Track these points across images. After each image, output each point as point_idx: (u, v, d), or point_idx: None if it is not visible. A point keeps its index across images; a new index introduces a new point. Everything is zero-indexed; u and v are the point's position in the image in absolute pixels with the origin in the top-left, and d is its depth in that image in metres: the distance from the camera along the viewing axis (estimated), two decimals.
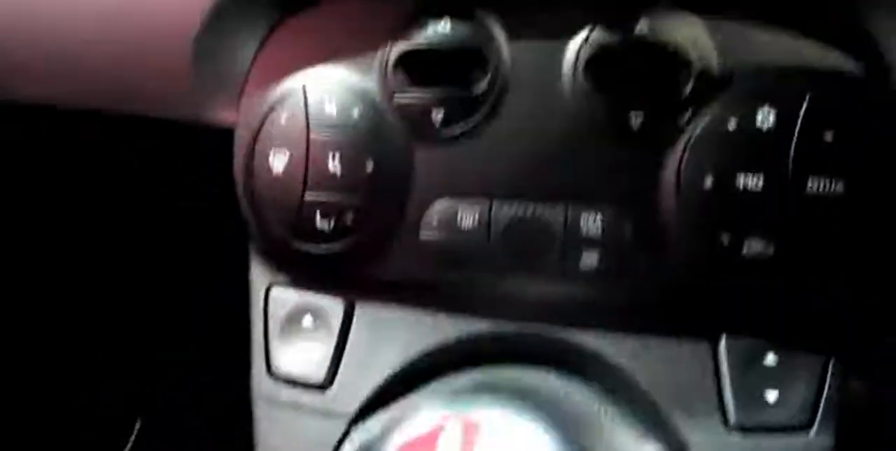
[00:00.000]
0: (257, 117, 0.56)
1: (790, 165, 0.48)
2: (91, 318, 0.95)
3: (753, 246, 0.49)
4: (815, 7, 0.50)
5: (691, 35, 0.49)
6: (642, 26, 0.50)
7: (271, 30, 0.58)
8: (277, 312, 0.60)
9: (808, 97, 0.48)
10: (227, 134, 0.59)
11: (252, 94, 0.58)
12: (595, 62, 0.50)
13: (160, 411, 0.99)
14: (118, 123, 0.62)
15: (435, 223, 0.54)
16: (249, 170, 0.57)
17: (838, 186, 0.48)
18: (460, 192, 0.53)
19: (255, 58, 0.58)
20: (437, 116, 0.53)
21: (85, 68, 0.60)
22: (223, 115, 0.59)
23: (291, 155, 0.55)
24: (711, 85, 0.49)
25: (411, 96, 0.53)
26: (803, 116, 0.48)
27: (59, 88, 0.62)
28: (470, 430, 0.49)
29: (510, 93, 0.52)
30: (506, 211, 0.52)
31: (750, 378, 0.53)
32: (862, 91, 0.49)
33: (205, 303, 0.61)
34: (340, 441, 0.58)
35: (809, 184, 0.48)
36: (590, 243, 0.52)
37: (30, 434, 0.94)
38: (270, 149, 0.56)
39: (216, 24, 0.55)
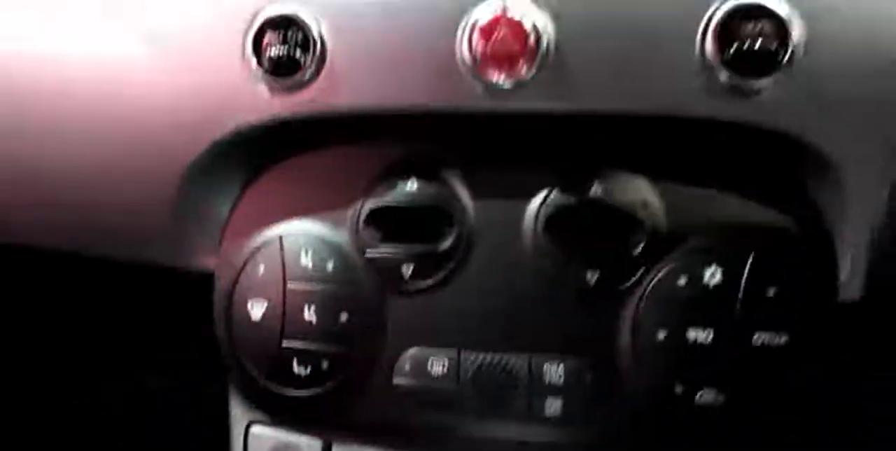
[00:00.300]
0: (236, 266, 0.59)
1: (737, 320, 0.52)
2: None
3: (705, 396, 0.53)
4: (759, 172, 0.54)
5: (642, 197, 0.53)
6: (597, 189, 0.53)
7: (248, 181, 0.61)
8: (258, 449, 0.62)
9: (751, 256, 0.52)
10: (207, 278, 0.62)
11: (231, 242, 0.61)
12: (554, 221, 0.54)
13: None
14: (102, 265, 0.65)
15: (407, 369, 0.56)
16: (229, 315, 0.60)
17: (782, 339, 0.52)
18: (430, 341, 0.56)
19: (233, 207, 0.61)
20: (407, 270, 0.56)
21: (75, 216, 0.63)
22: (203, 260, 0.62)
23: (269, 303, 0.58)
24: (661, 244, 0.53)
25: (382, 251, 0.56)
26: (748, 274, 0.52)
27: (49, 232, 0.65)
28: None
29: (475, 249, 0.55)
30: (473, 359, 0.55)
31: None
32: (802, 249, 0.53)
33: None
34: None
35: (755, 337, 0.52)
36: (553, 390, 0.55)
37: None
38: (249, 297, 0.59)
39: (197, 177, 0.58)
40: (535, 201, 0.55)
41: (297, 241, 0.58)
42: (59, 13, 0.60)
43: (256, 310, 0.58)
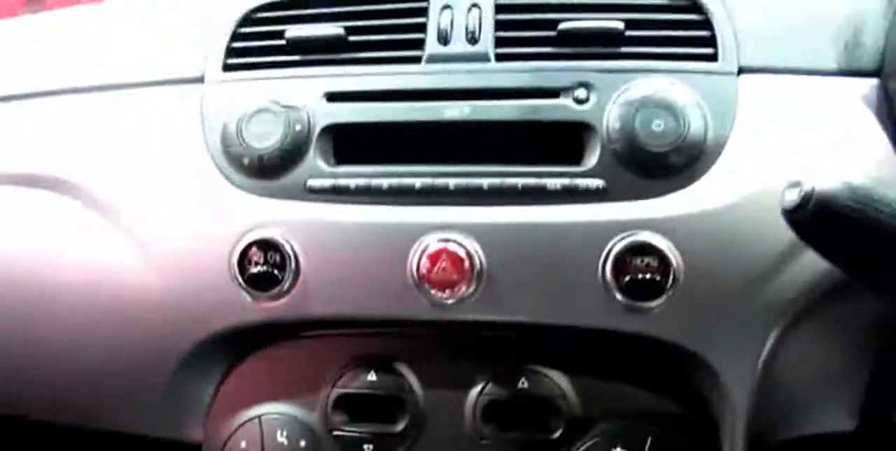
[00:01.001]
0: (220, 441, 0.70)
1: None
2: None
3: None
4: (653, 369, 0.66)
5: (561, 390, 0.65)
6: (524, 382, 0.65)
7: (230, 367, 0.72)
8: None
9: (649, 438, 0.64)
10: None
11: (215, 419, 0.71)
12: (489, 409, 0.66)
13: None
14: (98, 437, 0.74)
15: None
16: None
17: None
18: None
19: (217, 389, 0.72)
20: (368, 448, 0.67)
21: (73, 394, 0.72)
22: (190, 432, 0.72)
23: None
24: (577, 429, 0.65)
25: (347, 431, 0.67)
26: None
27: (48, 407, 0.75)
28: None
29: (425, 430, 0.67)
30: None
31: None
32: (690, 430, 0.65)
33: None
34: None
35: None
36: None
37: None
38: None
39: (184, 367, 0.69)
40: (474, 392, 0.66)
41: (275, 421, 0.68)
42: (62, 222, 0.71)
43: None
